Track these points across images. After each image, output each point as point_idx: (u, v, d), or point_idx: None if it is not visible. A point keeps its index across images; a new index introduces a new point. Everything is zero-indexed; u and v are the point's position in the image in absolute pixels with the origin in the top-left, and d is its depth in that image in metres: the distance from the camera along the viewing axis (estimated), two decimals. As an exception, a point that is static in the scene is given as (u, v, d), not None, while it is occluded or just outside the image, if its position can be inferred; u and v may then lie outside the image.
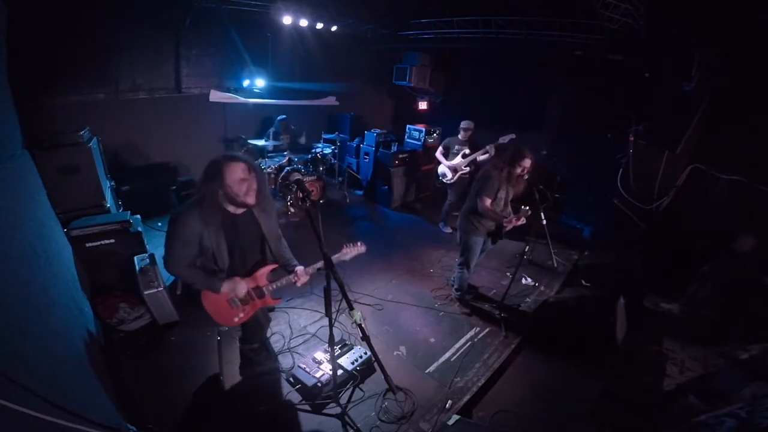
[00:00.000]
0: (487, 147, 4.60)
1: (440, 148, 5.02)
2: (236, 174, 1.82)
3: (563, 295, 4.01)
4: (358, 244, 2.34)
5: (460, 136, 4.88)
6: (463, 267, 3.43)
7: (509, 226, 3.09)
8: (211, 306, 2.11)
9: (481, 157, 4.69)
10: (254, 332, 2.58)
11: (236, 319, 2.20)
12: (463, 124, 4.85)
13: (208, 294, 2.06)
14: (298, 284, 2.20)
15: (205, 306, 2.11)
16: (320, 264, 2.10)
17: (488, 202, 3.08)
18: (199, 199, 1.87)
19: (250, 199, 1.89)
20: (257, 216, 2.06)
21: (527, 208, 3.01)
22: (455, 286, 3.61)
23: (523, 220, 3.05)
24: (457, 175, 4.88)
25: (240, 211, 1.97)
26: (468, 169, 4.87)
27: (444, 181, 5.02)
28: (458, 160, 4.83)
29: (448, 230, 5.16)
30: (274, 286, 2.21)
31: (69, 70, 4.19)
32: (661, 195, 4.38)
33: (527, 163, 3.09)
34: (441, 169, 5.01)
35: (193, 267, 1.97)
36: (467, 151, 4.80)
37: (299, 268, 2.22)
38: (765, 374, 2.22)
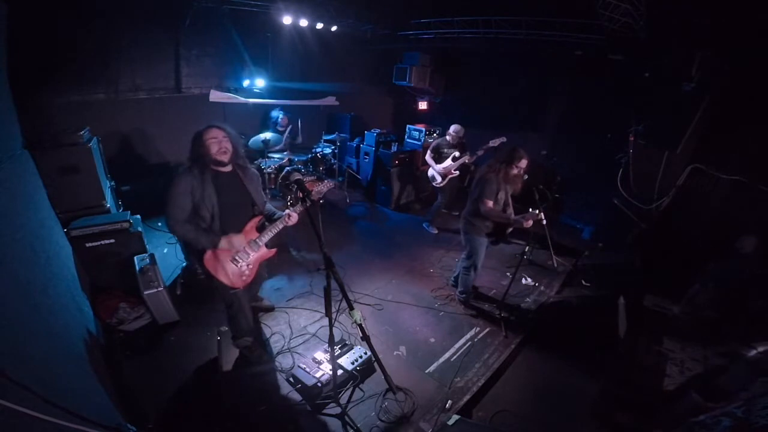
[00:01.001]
0: (478, 151, 4.60)
1: (429, 152, 5.00)
2: (209, 135, 2.20)
3: (563, 295, 4.01)
4: (326, 181, 2.66)
5: (449, 138, 4.88)
6: (470, 270, 3.39)
7: (518, 226, 3.07)
8: (218, 268, 2.31)
9: (470, 160, 4.70)
10: (237, 321, 2.58)
11: (244, 277, 2.40)
12: (453, 128, 4.84)
13: (211, 257, 2.28)
14: (290, 223, 2.40)
15: (211, 271, 2.31)
16: (306, 203, 2.23)
17: (490, 204, 3.07)
18: (190, 162, 2.24)
19: (223, 157, 2.22)
20: (242, 177, 2.37)
21: (536, 211, 2.99)
22: (460, 289, 3.59)
23: (530, 223, 3.03)
24: (447, 179, 4.90)
25: (225, 170, 2.29)
26: (457, 172, 4.90)
27: (434, 184, 5.04)
28: (448, 163, 4.84)
29: (434, 231, 5.16)
30: (266, 236, 2.40)
31: (69, 70, 4.19)
32: (661, 195, 4.38)
33: (523, 164, 3.08)
34: (430, 172, 5.02)
35: (192, 224, 2.22)
36: (457, 153, 4.81)
37: (286, 211, 2.42)
38: None
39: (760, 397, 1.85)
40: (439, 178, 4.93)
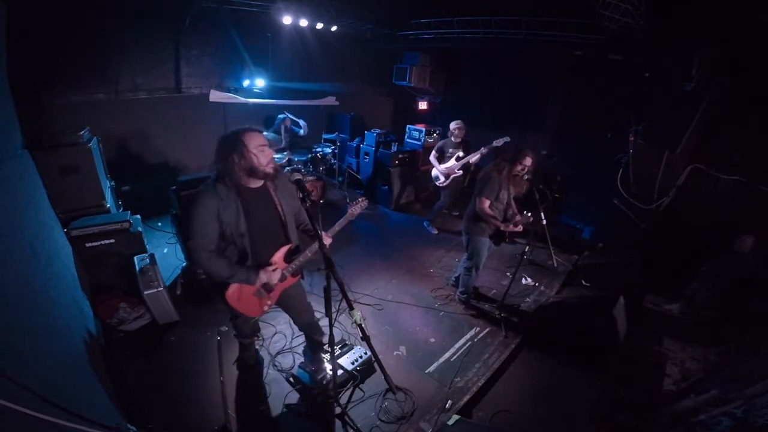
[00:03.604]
0: (482, 149, 4.60)
1: (434, 152, 5.00)
2: (257, 140, 1.85)
3: (563, 295, 4.00)
4: (360, 199, 2.27)
5: (452, 138, 4.86)
6: (471, 270, 3.38)
7: (507, 230, 3.10)
8: (238, 301, 2.06)
9: (473, 159, 4.69)
10: (238, 325, 2.47)
11: (265, 308, 2.17)
12: (453, 125, 4.81)
13: (236, 291, 2.02)
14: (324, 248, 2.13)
15: (230, 302, 2.05)
16: (342, 223, 2.17)
17: (487, 203, 3.06)
18: (217, 173, 1.88)
19: (270, 169, 1.89)
20: (272, 192, 2.03)
21: (529, 214, 3.00)
22: (460, 289, 3.58)
23: (520, 228, 3.04)
24: (450, 178, 4.90)
25: (256, 185, 1.96)
26: (461, 172, 4.90)
27: (437, 184, 5.05)
28: (452, 163, 4.84)
29: (434, 231, 5.16)
30: (293, 267, 2.13)
31: (69, 70, 4.19)
32: (661, 195, 4.37)
33: (528, 161, 3.08)
34: (434, 172, 5.04)
35: (223, 257, 1.91)
36: (461, 153, 4.80)
37: (322, 232, 2.13)
38: None
39: (759, 397, 1.85)
40: (442, 178, 4.94)
